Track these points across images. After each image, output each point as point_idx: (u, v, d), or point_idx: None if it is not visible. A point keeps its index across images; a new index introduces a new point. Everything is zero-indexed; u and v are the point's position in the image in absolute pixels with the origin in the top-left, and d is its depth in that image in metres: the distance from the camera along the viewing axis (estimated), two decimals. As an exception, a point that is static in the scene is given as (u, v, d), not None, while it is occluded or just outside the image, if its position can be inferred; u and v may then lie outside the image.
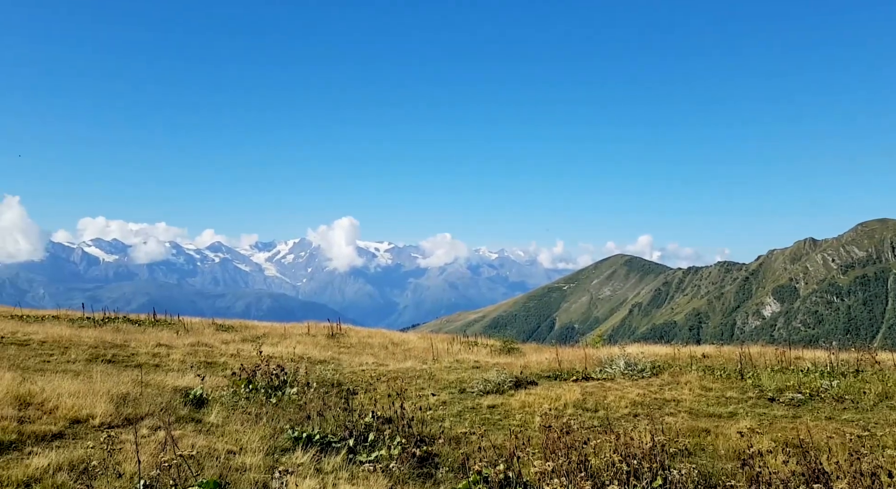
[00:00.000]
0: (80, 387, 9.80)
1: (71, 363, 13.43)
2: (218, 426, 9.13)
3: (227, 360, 15.98)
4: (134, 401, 9.56)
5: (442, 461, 8.55)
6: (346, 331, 28.11)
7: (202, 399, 10.69)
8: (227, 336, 23.63)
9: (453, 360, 17.60)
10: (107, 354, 14.81)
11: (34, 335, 16.36)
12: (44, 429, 7.83)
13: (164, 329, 24.08)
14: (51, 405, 8.70)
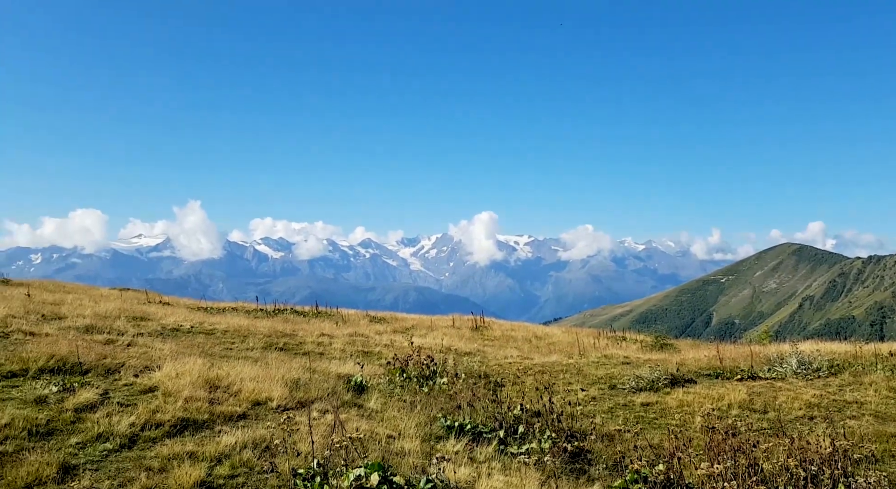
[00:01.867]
0: (259, 372, 10.85)
1: (249, 350, 14.92)
2: (377, 412, 9.67)
3: (381, 350, 16.86)
4: (304, 386, 10.42)
5: (595, 458, 8.38)
6: (490, 324, 28.46)
7: (362, 386, 11.37)
8: (380, 327, 24.94)
9: (601, 356, 17.13)
10: (279, 343, 16.27)
11: (218, 325, 18.37)
12: (230, 410, 8.78)
13: (326, 320, 25.94)
14: (235, 388, 9.73)
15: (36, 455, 6.49)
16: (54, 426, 7.46)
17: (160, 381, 9.60)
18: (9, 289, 24.36)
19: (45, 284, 30.52)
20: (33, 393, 8.64)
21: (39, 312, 16.22)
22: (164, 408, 8.36)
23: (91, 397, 8.49)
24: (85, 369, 10.09)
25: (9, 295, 20.74)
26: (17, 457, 6.44)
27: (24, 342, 11.86)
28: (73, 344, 11.42)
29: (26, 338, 12.40)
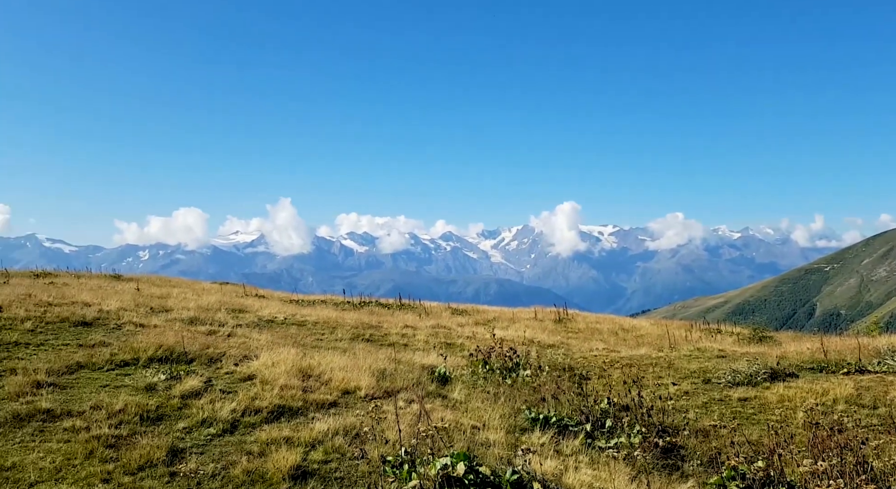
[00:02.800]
0: (347, 362, 11.21)
1: (338, 341, 15.44)
2: (461, 402, 9.76)
3: (463, 342, 16.97)
4: (390, 376, 10.67)
5: (688, 454, 8.08)
6: (573, 317, 27.99)
7: (446, 377, 11.50)
8: (462, 319, 25.12)
9: (693, 349, 16.46)
10: (365, 334, 16.74)
11: (308, 317, 19.13)
12: (322, 398, 9.12)
13: (409, 312, 26.41)
14: (326, 377, 10.10)
15: (147, 439, 7.01)
16: (163, 412, 8.03)
17: (258, 370, 10.12)
18: (120, 283, 26.42)
19: (153, 279, 32.85)
20: (144, 380, 9.34)
21: (148, 305, 17.47)
22: (262, 395, 8.80)
23: (196, 385, 9.07)
24: (190, 358, 10.79)
25: (120, 289, 22.50)
26: (130, 441, 6.98)
27: (135, 333, 12.83)
28: (178, 335, 12.24)
29: (137, 329, 13.41)
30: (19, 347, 10.90)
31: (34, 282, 23.18)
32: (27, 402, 7.93)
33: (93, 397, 8.32)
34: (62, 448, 6.66)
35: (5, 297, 15.09)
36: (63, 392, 8.60)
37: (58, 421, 7.45)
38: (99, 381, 9.24)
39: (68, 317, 13.61)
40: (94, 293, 18.97)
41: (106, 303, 16.29)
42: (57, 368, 9.55)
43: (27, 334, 11.88)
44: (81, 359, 10.17)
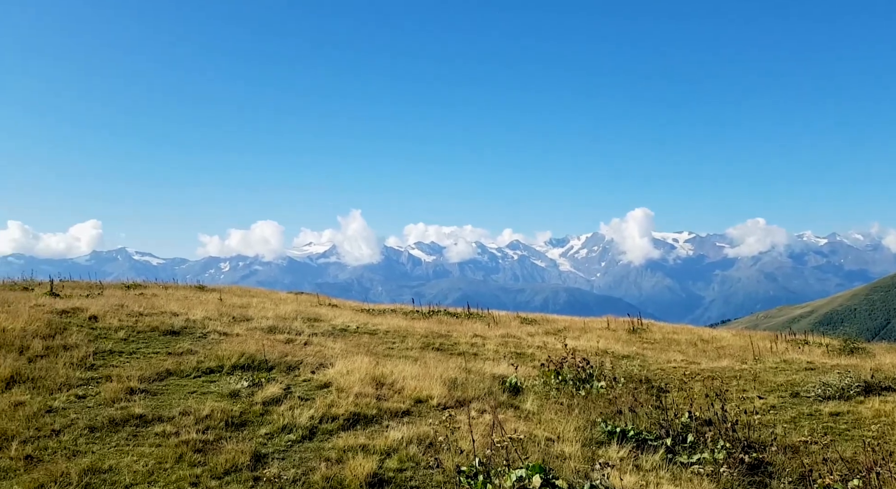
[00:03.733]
0: (419, 371, 11.32)
1: (408, 350, 15.61)
2: (534, 413, 9.64)
3: (533, 352, 16.78)
4: (461, 385, 10.68)
5: (776, 471, 7.65)
6: (648, 327, 27.14)
7: (517, 387, 11.40)
8: (531, 329, 24.84)
9: (779, 360, 15.62)
10: (435, 343, 16.85)
11: (380, 326, 19.45)
12: (395, 406, 9.25)
13: (477, 321, 26.38)
14: (398, 386, 10.23)
15: (232, 444, 7.31)
16: (246, 418, 8.36)
17: (333, 378, 10.37)
18: (204, 294, 27.74)
19: (234, 289, 34.32)
20: (228, 387, 9.75)
21: (230, 315, 18.25)
22: (338, 402, 9.01)
23: (276, 392, 9.40)
24: (270, 366, 11.19)
25: (205, 299, 23.62)
26: (216, 446, 7.29)
27: (219, 341, 13.42)
28: (259, 343, 12.72)
29: (221, 337, 14.02)
30: (114, 355, 11.62)
31: (126, 293, 24.68)
32: (121, 408, 8.44)
33: (181, 403, 8.77)
34: (154, 452, 7.04)
35: (100, 308, 16.13)
36: (154, 398, 9.10)
37: (149, 426, 7.88)
38: (187, 388, 9.72)
39: (158, 326, 14.40)
40: (180, 303, 19.99)
41: (192, 312, 17.13)
42: (148, 375, 10.11)
43: (120, 343, 12.65)
44: (170, 366, 10.74)
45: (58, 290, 22.73)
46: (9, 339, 11.58)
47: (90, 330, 13.37)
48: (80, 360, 10.77)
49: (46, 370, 9.93)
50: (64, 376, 9.71)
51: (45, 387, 9.16)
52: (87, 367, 10.47)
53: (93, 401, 8.69)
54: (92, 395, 8.95)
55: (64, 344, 11.75)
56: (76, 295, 21.67)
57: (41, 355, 10.89)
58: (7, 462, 6.55)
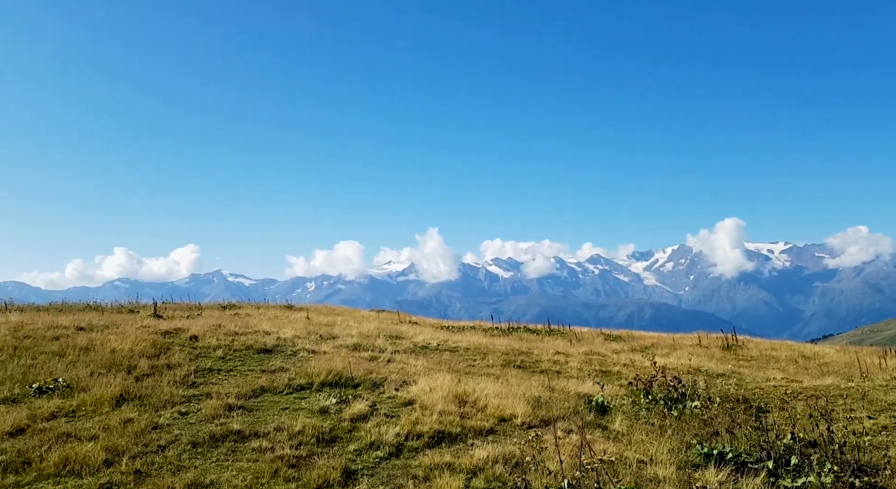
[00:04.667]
0: (501, 388, 11.25)
1: (489, 367, 15.55)
2: (623, 434, 9.34)
3: (620, 370, 16.30)
4: (545, 404, 10.52)
5: (895, 500, 7.03)
6: (743, 343, 25.74)
7: (604, 406, 11.09)
8: (616, 346, 24.13)
9: (890, 377, 14.42)
10: (516, 360, 16.70)
11: (460, 343, 19.52)
12: (478, 424, 9.23)
13: (559, 338, 25.95)
14: (481, 404, 10.21)
15: (323, 459, 7.53)
16: (335, 434, 8.59)
17: (417, 395, 10.49)
18: (292, 313, 28.83)
19: (320, 308, 35.47)
20: (317, 404, 10.07)
21: (317, 333, 18.86)
22: (422, 420, 9.10)
23: (362, 409, 9.61)
24: (356, 383, 11.47)
25: (293, 318, 24.54)
26: (309, 461, 7.53)
27: (308, 359, 13.89)
28: (345, 360, 13.08)
29: (309, 355, 14.51)
30: (212, 373, 12.27)
31: (222, 313, 26.04)
32: (221, 424, 8.88)
33: (275, 419, 9.13)
34: (251, 467, 7.36)
35: (200, 328, 17.09)
36: (250, 414, 9.52)
37: (247, 441, 8.25)
38: (280, 404, 10.12)
39: (252, 345, 15.09)
40: (272, 322, 20.88)
41: (282, 331, 17.85)
42: (244, 392, 10.61)
43: (219, 361, 13.34)
44: (264, 383, 11.22)
45: (161, 312, 24.30)
46: (118, 359, 12.47)
47: (191, 349, 14.19)
48: (183, 378, 11.44)
49: (152, 388, 10.61)
50: (168, 394, 10.34)
51: (151, 404, 9.79)
52: (188, 385, 11.11)
53: (194, 418, 9.20)
54: (194, 412, 9.47)
55: (167, 363, 12.53)
56: (178, 316, 23.08)
57: (147, 374, 11.66)
58: (119, 476, 7.03)
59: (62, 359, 12.47)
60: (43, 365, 11.97)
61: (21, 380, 10.84)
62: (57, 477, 7.00)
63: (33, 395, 10.01)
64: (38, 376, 11.03)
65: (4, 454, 7.47)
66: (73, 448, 7.62)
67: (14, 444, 7.79)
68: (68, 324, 16.68)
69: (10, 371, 11.40)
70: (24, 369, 11.57)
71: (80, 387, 10.37)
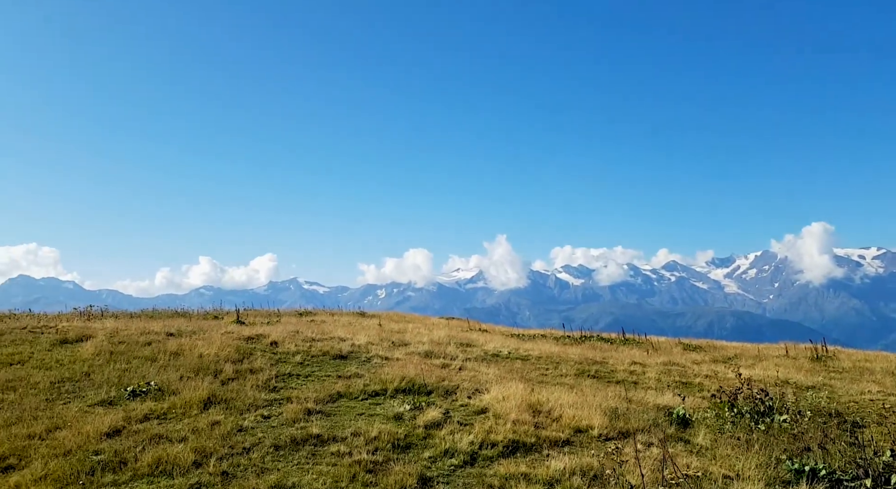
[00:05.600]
0: (575, 399, 11.04)
1: (562, 377, 15.30)
2: (707, 448, 8.97)
3: (701, 381, 15.67)
4: (623, 415, 10.24)
5: None
6: (834, 354, 24.16)
7: (685, 419, 10.68)
8: (696, 356, 23.20)
9: None
10: (590, 370, 16.35)
11: (531, 351, 19.31)
12: (553, 435, 9.08)
13: (634, 347, 25.21)
14: (556, 414, 10.05)
15: (399, 466, 7.61)
16: (410, 440, 8.67)
17: (489, 404, 10.45)
18: (365, 319, 29.41)
19: (391, 315, 36.02)
20: (392, 410, 10.20)
21: (389, 339, 19.15)
22: (496, 429, 9.06)
23: (436, 416, 9.67)
24: (429, 390, 11.55)
25: (366, 325, 25.03)
26: (385, 467, 7.64)
27: (382, 365, 14.12)
28: (417, 367, 13.21)
29: (383, 362, 14.75)
30: (292, 378, 12.67)
31: (299, 319, 26.89)
32: (301, 428, 9.15)
33: (352, 424, 9.32)
34: (330, 471, 7.53)
35: (279, 334, 17.71)
36: (328, 419, 9.76)
37: (326, 445, 8.46)
38: (356, 410, 10.33)
39: (328, 351, 15.50)
40: (346, 329, 21.38)
41: (356, 338, 18.24)
42: (322, 397, 10.89)
43: (297, 366, 13.77)
44: (341, 389, 11.49)
45: (243, 318, 25.36)
46: (205, 364, 13.10)
47: (272, 354, 14.72)
48: (264, 383, 11.88)
49: (236, 392, 11.07)
50: (251, 398, 10.76)
51: (235, 407, 10.21)
52: (270, 389, 11.52)
53: (276, 421, 9.52)
54: (275, 416, 9.81)
55: (250, 368, 13.05)
56: (258, 322, 24.02)
57: (232, 378, 12.18)
58: (207, 477, 7.36)
59: (154, 363, 13.22)
60: (136, 369, 12.73)
61: (117, 383, 11.56)
62: (150, 477, 7.40)
63: (128, 398, 10.65)
64: (133, 380, 11.73)
65: (103, 454, 7.98)
66: (164, 449, 8.05)
67: (111, 445, 8.30)
68: (159, 329, 17.67)
69: (106, 374, 12.19)
70: (119, 373, 12.35)
71: (171, 391, 10.95)
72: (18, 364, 13.24)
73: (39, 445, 8.24)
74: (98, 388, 11.24)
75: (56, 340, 15.69)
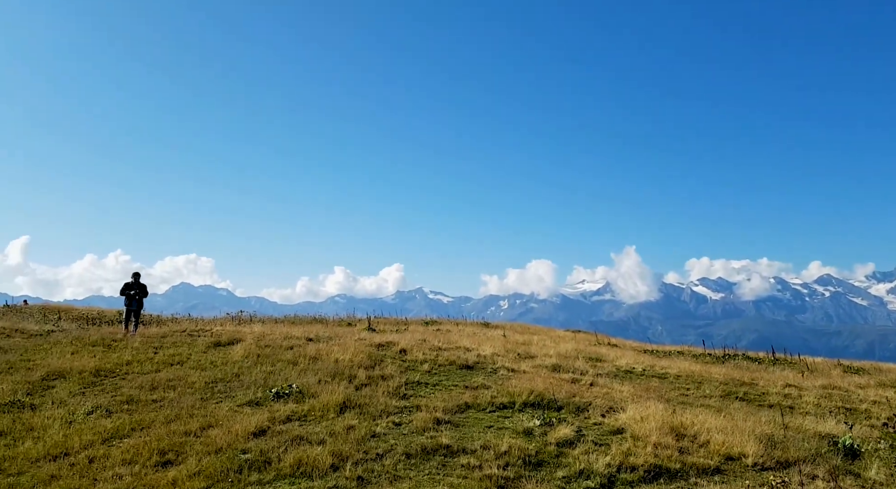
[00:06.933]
0: (724, 423, 10.12)
1: (706, 398, 14.18)
2: (881, 484, 7.85)
3: (868, 408, 13.86)
4: (780, 443, 9.22)
5: None
6: None
7: (853, 449, 9.42)
8: (859, 379, 20.62)
9: None
10: (738, 392, 15.02)
11: (668, 369, 18.13)
12: (701, 461, 8.34)
13: (786, 368, 22.94)
14: (702, 439, 9.25)
15: (531, 484, 7.33)
16: (542, 458, 8.35)
17: (626, 424, 9.85)
18: (489, 330, 29.34)
19: (514, 326, 35.69)
20: (521, 424, 9.92)
21: (515, 351, 18.87)
22: (636, 451, 8.49)
23: (568, 433, 9.26)
24: (558, 406, 11.14)
25: (490, 335, 24.92)
26: (517, 484, 7.40)
27: (508, 377, 13.88)
28: (546, 381, 12.83)
29: (509, 374, 14.51)
30: (420, 386, 12.80)
31: (425, 328, 27.39)
32: (431, 437, 9.14)
33: (481, 437, 9.17)
34: (461, 483, 7.42)
35: (407, 342, 18.07)
36: (456, 429, 9.69)
37: (455, 457, 8.37)
38: (484, 422, 10.17)
39: (454, 360, 15.54)
40: (470, 339, 21.40)
41: (481, 348, 18.16)
42: (450, 407, 10.86)
43: (425, 375, 13.91)
44: (468, 399, 11.40)
45: (373, 326, 26.27)
46: (340, 369, 13.60)
47: (401, 362, 15.02)
48: (395, 390, 12.10)
49: (369, 397, 11.35)
50: (383, 404, 10.97)
51: (369, 413, 10.45)
52: (400, 397, 11.70)
53: (407, 429, 9.61)
54: (406, 423, 9.91)
55: (381, 374, 13.36)
56: (388, 330, 24.75)
57: (365, 384, 12.53)
58: (343, 481, 7.53)
59: (295, 366, 13.95)
60: (280, 371, 13.49)
61: (262, 384, 12.30)
62: (292, 477, 7.71)
63: (272, 399, 11.28)
64: (276, 382, 12.42)
65: (250, 453, 8.44)
66: (304, 451, 8.36)
67: (257, 444, 8.78)
68: (299, 335, 18.70)
69: (254, 376, 13.02)
70: (265, 375, 13.15)
71: (310, 394, 11.45)
72: (178, 364, 14.54)
73: (194, 442, 8.89)
74: (246, 389, 12.02)
75: (210, 343, 17.09)
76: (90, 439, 9.22)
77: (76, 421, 10.21)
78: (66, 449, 8.88)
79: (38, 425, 9.99)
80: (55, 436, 9.37)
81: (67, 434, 9.48)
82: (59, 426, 9.90)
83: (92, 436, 9.36)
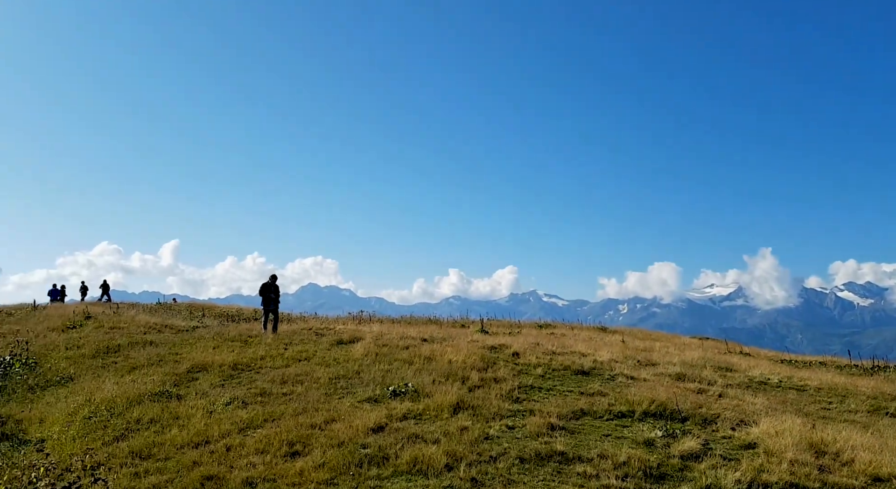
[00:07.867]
0: (871, 440, 9.13)
1: (852, 413, 12.86)
2: None
3: None
4: (944, 469, 8.15)
5: None
6: None
7: None
8: None
9: None
10: (889, 407, 13.49)
11: (808, 381, 16.62)
12: (844, 482, 7.58)
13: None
14: (845, 457, 8.41)
15: (653, 496, 6.99)
16: (664, 470, 7.94)
17: (759, 438, 9.15)
18: (606, 335, 28.42)
19: (634, 332, 34.32)
20: (641, 435, 9.50)
21: (634, 358, 18.13)
22: (769, 467, 7.86)
23: (693, 446, 8.74)
24: (683, 417, 10.55)
25: (608, 341, 24.12)
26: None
27: (627, 385, 13.36)
28: (669, 391, 12.19)
29: (628, 381, 13.96)
30: (533, 390, 12.64)
31: (539, 332, 27.07)
32: (545, 443, 8.99)
33: (597, 445, 8.89)
34: (578, 492, 7.23)
35: (520, 345, 17.93)
36: (571, 436, 9.47)
37: (570, 464, 8.18)
38: (600, 430, 9.86)
39: (569, 365, 15.20)
40: (586, 344, 20.84)
41: (598, 353, 17.62)
42: (565, 413, 10.63)
43: (539, 379, 13.72)
44: (584, 406, 11.10)
45: (487, 328, 26.36)
46: (454, 370, 13.76)
47: (514, 365, 14.93)
48: (507, 393, 12.04)
49: (482, 399, 11.38)
50: (496, 407, 10.96)
51: (482, 415, 10.48)
52: (513, 400, 11.62)
53: (520, 433, 9.53)
54: (519, 427, 9.83)
55: (494, 377, 13.36)
56: (500, 332, 24.73)
57: (477, 386, 12.58)
58: (458, 482, 7.60)
59: (410, 366, 14.31)
60: (396, 370, 13.90)
61: (381, 382, 12.73)
62: (408, 474, 7.90)
63: (389, 397, 11.64)
64: (393, 380, 12.81)
65: (369, 448, 8.76)
66: (420, 449, 8.55)
67: (376, 440, 9.09)
68: (415, 335, 19.17)
69: (372, 374, 13.52)
70: (382, 373, 13.60)
71: (425, 393, 11.69)
72: (305, 360, 15.42)
73: (319, 435, 9.38)
74: (366, 386, 12.50)
75: (334, 341, 17.97)
76: (227, 428, 10.02)
77: (216, 411, 11.13)
78: (207, 437, 9.70)
79: (182, 414, 11.00)
80: (197, 425, 10.27)
81: (208, 423, 10.35)
82: (200, 416, 10.84)
83: (229, 425, 10.16)
